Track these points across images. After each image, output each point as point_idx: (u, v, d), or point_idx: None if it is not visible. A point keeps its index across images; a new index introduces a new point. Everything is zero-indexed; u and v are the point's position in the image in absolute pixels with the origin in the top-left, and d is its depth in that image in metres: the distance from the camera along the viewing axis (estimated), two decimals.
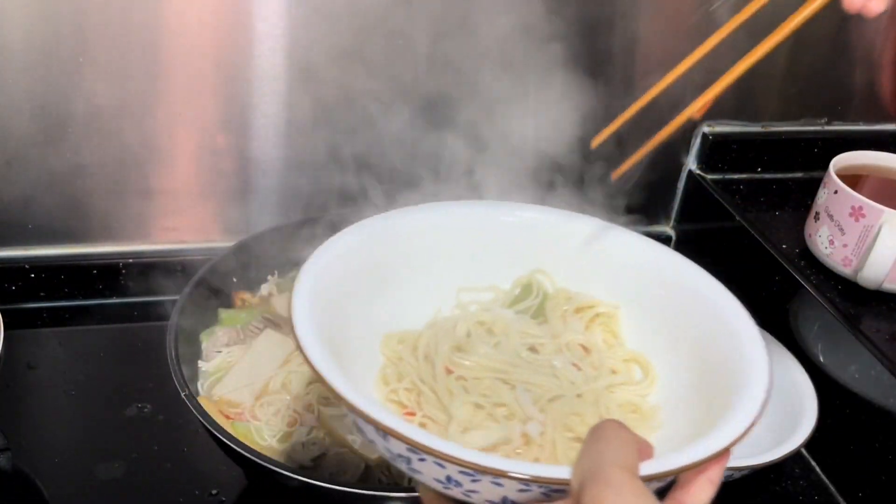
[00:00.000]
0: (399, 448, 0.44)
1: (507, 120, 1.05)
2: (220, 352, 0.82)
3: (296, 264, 0.95)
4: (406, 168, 1.04)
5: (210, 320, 0.86)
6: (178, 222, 1.02)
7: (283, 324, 0.86)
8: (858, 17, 1.06)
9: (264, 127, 0.97)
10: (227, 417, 0.76)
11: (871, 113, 1.15)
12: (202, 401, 0.72)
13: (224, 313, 0.87)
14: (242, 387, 0.79)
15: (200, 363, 0.82)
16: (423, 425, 0.55)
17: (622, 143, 0.79)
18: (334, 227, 0.95)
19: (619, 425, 0.44)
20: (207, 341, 0.83)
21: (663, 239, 1.18)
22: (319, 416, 0.76)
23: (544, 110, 1.05)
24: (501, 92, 1.02)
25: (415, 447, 0.43)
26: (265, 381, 0.79)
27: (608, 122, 1.01)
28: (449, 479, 0.44)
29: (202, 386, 0.80)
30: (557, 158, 1.12)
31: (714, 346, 0.56)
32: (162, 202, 1.00)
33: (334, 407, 0.76)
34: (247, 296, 0.90)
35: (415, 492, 0.67)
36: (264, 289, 0.91)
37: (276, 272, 0.93)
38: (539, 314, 0.65)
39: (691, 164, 1.14)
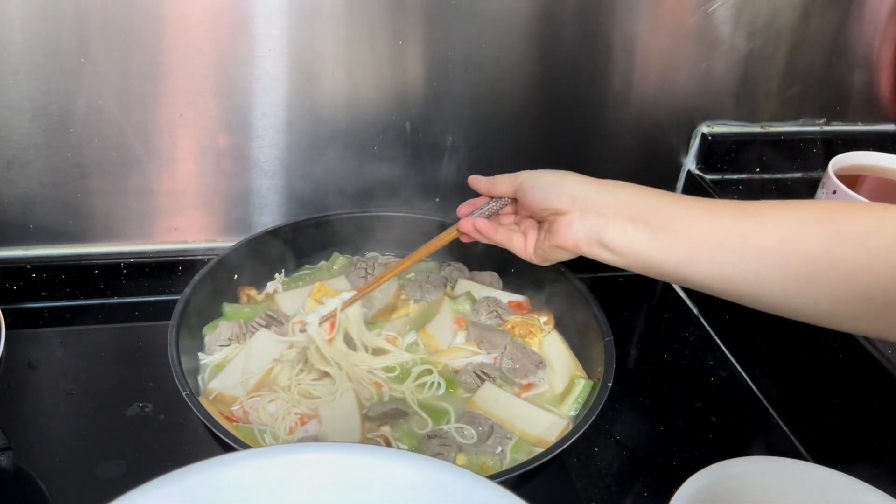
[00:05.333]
0: None
1: (505, 126, 1.05)
2: (223, 346, 0.83)
3: (303, 263, 0.96)
4: (405, 170, 1.04)
5: (213, 316, 0.87)
6: (179, 222, 1.02)
7: (285, 321, 0.86)
8: (857, 18, 1.07)
9: (264, 127, 0.98)
10: (230, 420, 0.76)
11: (870, 113, 1.15)
12: (203, 401, 0.73)
13: (228, 307, 0.87)
14: (238, 384, 0.80)
15: (201, 355, 0.83)
16: None
17: None
18: (335, 228, 0.96)
19: None
20: (210, 335, 0.84)
21: None
22: (321, 419, 0.77)
23: None
24: (500, 95, 1.02)
25: None
26: (258, 378, 0.80)
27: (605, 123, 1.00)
28: None
29: (202, 379, 0.81)
30: None
31: None
32: (163, 202, 1.00)
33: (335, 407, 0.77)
34: (252, 292, 0.90)
35: None
36: (270, 286, 0.92)
37: (283, 270, 0.94)
38: None
39: (690, 164, 1.14)
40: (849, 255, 0.59)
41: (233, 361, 0.82)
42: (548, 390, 0.84)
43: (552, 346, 0.88)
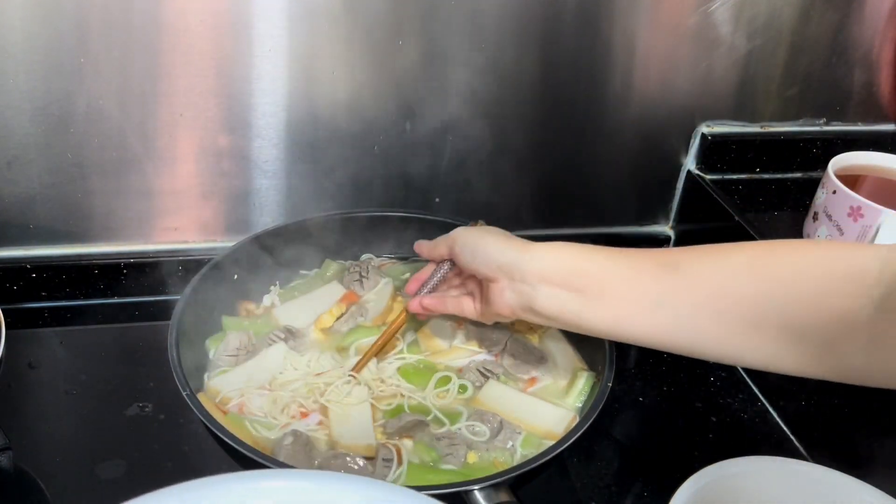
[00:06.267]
0: None
1: (505, 126, 1.05)
2: (232, 356, 0.82)
3: (298, 270, 0.95)
4: (405, 170, 1.04)
5: (213, 324, 0.87)
6: (179, 222, 1.02)
7: (301, 337, 0.86)
8: (857, 18, 1.07)
9: (264, 127, 0.98)
10: (221, 411, 0.76)
11: (870, 113, 1.15)
12: (202, 397, 0.73)
13: (227, 320, 0.87)
14: (241, 386, 0.79)
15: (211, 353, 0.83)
16: None
17: None
18: (336, 227, 0.96)
19: None
20: (217, 346, 0.83)
21: (662, 239, 1.18)
22: (330, 418, 0.77)
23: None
24: (500, 95, 1.02)
25: None
26: (261, 384, 0.80)
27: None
28: None
29: (208, 376, 0.81)
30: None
31: None
32: (163, 202, 1.00)
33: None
34: (251, 306, 0.90)
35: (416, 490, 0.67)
36: (267, 300, 0.91)
37: (277, 283, 0.93)
38: None
39: (690, 164, 1.14)
40: (782, 300, 0.58)
41: (242, 365, 0.81)
42: (551, 384, 0.84)
43: (552, 341, 0.88)
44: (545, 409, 0.80)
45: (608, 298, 0.66)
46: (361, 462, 0.71)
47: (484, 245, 0.73)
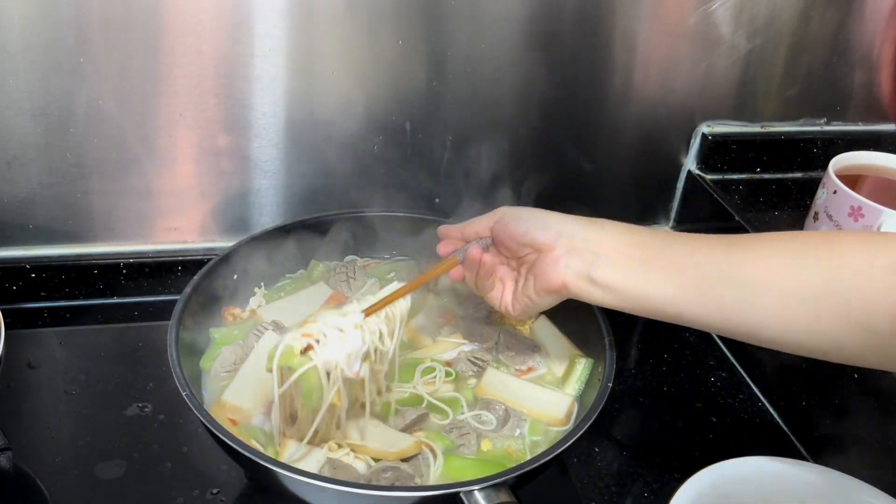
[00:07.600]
0: None
1: (505, 126, 1.05)
2: (229, 371, 0.81)
3: (283, 272, 0.95)
4: (405, 170, 1.04)
5: (214, 318, 0.86)
6: (179, 222, 1.02)
7: (285, 331, 0.85)
8: (857, 18, 1.07)
9: (264, 127, 0.98)
10: (234, 423, 0.76)
11: (870, 113, 1.15)
12: (214, 412, 0.72)
13: (216, 333, 0.86)
14: (250, 390, 0.78)
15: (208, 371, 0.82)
16: None
17: None
18: (336, 227, 0.96)
19: None
20: (212, 364, 0.82)
21: None
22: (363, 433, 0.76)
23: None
24: (500, 95, 1.02)
25: None
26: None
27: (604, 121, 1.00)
28: None
29: (211, 390, 0.80)
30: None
31: None
32: (162, 202, 1.00)
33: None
34: (237, 311, 0.89)
35: (416, 492, 0.67)
36: (253, 302, 0.91)
37: (262, 284, 0.93)
38: None
39: (691, 164, 1.14)
40: (849, 287, 0.58)
41: (242, 369, 0.80)
42: (547, 372, 0.84)
43: (543, 331, 0.89)
44: (545, 395, 0.81)
45: (672, 268, 0.64)
46: (405, 467, 0.71)
47: (543, 214, 0.72)
